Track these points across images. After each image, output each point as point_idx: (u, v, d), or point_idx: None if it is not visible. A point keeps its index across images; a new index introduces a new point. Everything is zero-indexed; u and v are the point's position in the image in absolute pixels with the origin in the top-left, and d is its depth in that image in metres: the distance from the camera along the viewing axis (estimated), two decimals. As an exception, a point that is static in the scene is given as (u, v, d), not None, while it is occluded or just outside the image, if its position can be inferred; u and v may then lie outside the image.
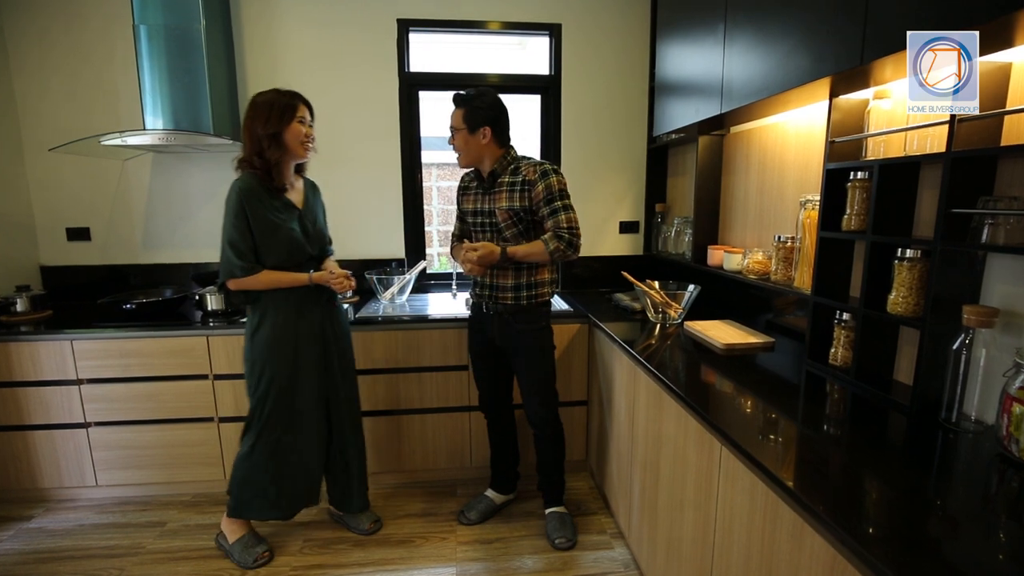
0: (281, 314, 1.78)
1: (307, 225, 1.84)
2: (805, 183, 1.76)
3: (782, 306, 1.91)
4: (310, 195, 1.91)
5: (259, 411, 1.81)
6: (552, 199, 1.79)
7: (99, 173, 2.57)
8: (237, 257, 1.69)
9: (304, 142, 1.75)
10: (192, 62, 2.27)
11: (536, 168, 1.81)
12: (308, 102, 1.79)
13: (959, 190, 1.14)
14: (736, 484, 1.16)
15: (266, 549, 1.91)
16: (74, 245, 2.62)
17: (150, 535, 2.06)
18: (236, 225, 1.69)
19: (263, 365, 1.78)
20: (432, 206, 4.49)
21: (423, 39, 2.75)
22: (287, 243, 1.76)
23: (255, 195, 1.70)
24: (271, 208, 1.73)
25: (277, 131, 1.69)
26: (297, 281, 1.78)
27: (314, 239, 1.86)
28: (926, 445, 1.12)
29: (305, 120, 1.75)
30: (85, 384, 2.15)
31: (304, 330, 1.82)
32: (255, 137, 1.69)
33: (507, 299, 1.88)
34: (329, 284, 1.80)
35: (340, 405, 1.95)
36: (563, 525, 2.02)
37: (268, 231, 1.72)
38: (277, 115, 1.68)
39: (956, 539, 0.83)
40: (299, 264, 1.80)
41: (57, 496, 2.28)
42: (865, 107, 1.46)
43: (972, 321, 1.13)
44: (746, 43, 1.61)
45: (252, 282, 1.73)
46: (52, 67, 2.46)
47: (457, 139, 1.84)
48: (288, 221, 1.77)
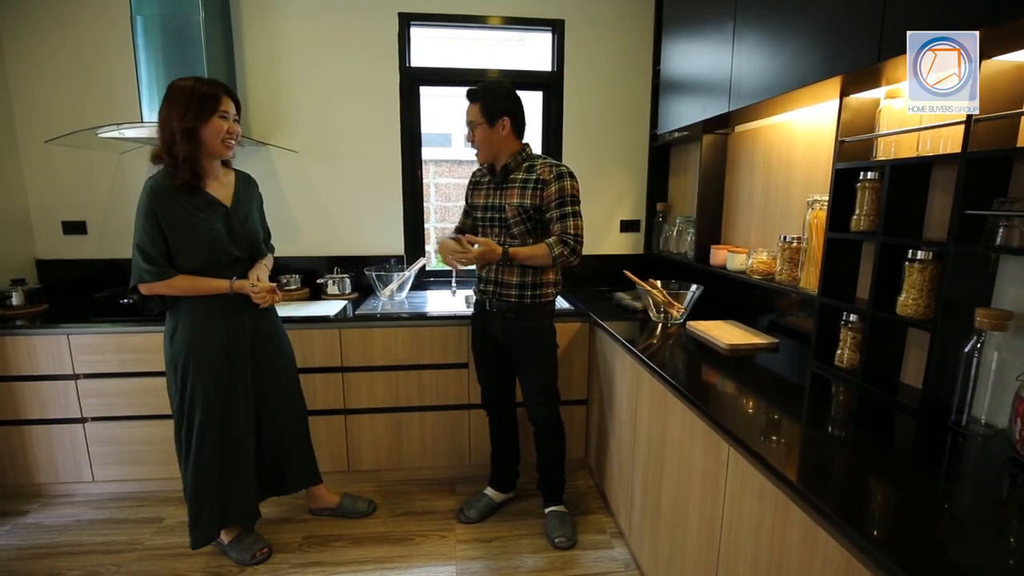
0: (201, 314, 1.67)
1: (234, 224, 1.69)
2: (812, 183, 1.74)
3: (786, 307, 1.89)
4: (242, 190, 1.76)
5: (187, 416, 1.70)
6: (563, 203, 1.78)
7: (95, 166, 2.54)
8: (145, 262, 1.57)
9: (226, 139, 1.60)
10: (190, 54, 2.24)
11: (552, 168, 1.78)
12: (233, 94, 1.64)
13: (973, 191, 1.13)
14: (745, 486, 1.14)
15: (264, 546, 1.90)
16: (70, 239, 2.59)
17: (147, 531, 2.04)
18: (145, 227, 1.56)
19: (185, 366, 1.67)
20: (430, 203, 4.46)
21: (421, 35, 2.71)
22: (207, 245, 1.62)
23: (168, 194, 1.57)
24: (188, 207, 1.59)
25: (193, 126, 1.54)
26: (216, 289, 1.65)
27: (241, 239, 1.72)
28: (937, 448, 1.11)
29: (228, 115, 1.60)
30: (82, 379, 2.13)
31: (228, 330, 1.71)
32: (168, 130, 1.54)
33: (511, 297, 1.86)
34: (248, 294, 1.69)
35: (275, 408, 1.85)
36: (563, 524, 2.01)
37: (184, 232, 1.59)
38: (196, 107, 1.53)
39: (975, 543, 0.82)
40: (224, 267, 1.68)
41: (53, 491, 2.26)
42: (876, 107, 1.45)
43: (985, 324, 1.11)
44: (756, 40, 1.59)
45: (165, 287, 1.61)
46: (48, 58, 2.42)
47: (477, 133, 1.79)
48: (209, 220, 1.63)
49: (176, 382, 1.70)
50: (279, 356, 1.87)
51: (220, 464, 1.76)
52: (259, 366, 1.81)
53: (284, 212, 2.66)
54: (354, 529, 2.06)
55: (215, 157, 1.65)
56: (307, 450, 2.01)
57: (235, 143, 1.65)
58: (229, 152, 1.65)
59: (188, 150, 1.55)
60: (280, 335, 1.91)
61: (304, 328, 2.17)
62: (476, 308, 2.03)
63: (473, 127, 1.80)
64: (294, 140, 2.61)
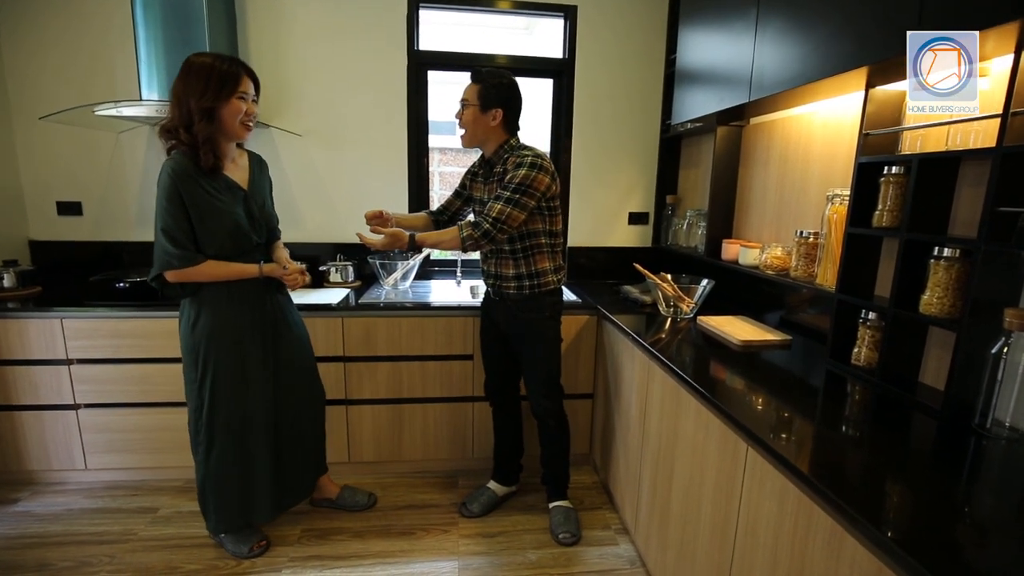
0: (223, 303, 1.63)
1: (253, 208, 1.66)
2: (831, 177, 1.70)
3: (800, 303, 1.86)
4: (256, 172, 1.72)
5: (206, 405, 1.66)
6: (506, 187, 1.69)
7: (92, 145, 2.47)
8: (173, 246, 1.51)
9: (245, 121, 1.56)
10: (192, 32, 2.17)
11: (518, 157, 1.72)
12: (253, 73, 1.59)
13: (1006, 188, 1.09)
14: (764, 487, 1.11)
15: (262, 538, 1.86)
16: (65, 220, 2.52)
17: (142, 521, 2.00)
18: (170, 211, 1.50)
19: (206, 354, 1.63)
20: (434, 191, 4.41)
21: (428, 20, 2.64)
22: (230, 231, 1.58)
23: (190, 176, 1.51)
24: (210, 191, 1.55)
25: (212, 106, 1.49)
26: (246, 273, 1.62)
27: (261, 224, 1.69)
28: (963, 452, 1.07)
29: (247, 95, 1.55)
30: (75, 364, 2.07)
31: (250, 321, 1.67)
32: (184, 107, 1.49)
33: (510, 288, 1.84)
34: (281, 278, 1.68)
35: (295, 397, 1.82)
36: (567, 520, 1.98)
37: (209, 216, 1.54)
38: (215, 86, 1.48)
39: (1018, 552, 0.78)
40: (245, 252, 1.64)
41: (45, 479, 2.21)
42: (902, 99, 1.40)
43: (1015, 325, 1.08)
44: (781, 27, 1.54)
45: (194, 273, 1.55)
46: (43, 32, 2.34)
47: (466, 114, 1.76)
48: (231, 205, 1.59)
49: (196, 370, 1.65)
50: (299, 344, 1.85)
51: (241, 454, 1.73)
52: (280, 354, 1.77)
53: (286, 197, 2.60)
54: (354, 522, 2.02)
55: (233, 139, 1.60)
56: (321, 438, 1.98)
57: (253, 125, 1.61)
58: (247, 134, 1.61)
59: (207, 131, 1.51)
60: (299, 323, 1.88)
61: (306, 316, 2.11)
62: (484, 297, 2.02)
63: (465, 106, 1.76)
64: (298, 123, 2.55)
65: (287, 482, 1.86)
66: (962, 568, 0.73)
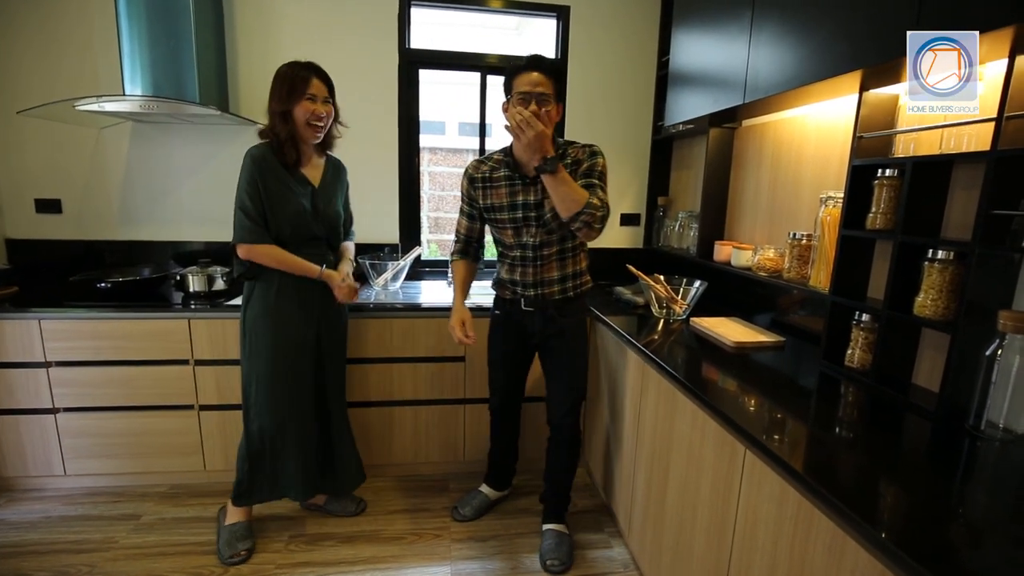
0: (275, 287, 1.72)
1: (319, 204, 1.77)
2: (823, 180, 1.71)
3: (792, 305, 1.87)
4: (330, 174, 1.83)
5: (251, 380, 1.75)
6: (592, 173, 1.61)
7: (73, 141, 2.40)
8: (247, 219, 1.64)
9: (312, 121, 1.66)
10: (178, 26, 2.12)
11: (585, 148, 1.67)
12: (324, 74, 1.70)
13: (999, 191, 1.10)
14: (762, 490, 1.10)
15: (248, 548, 1.81)
16: (44, 217, 2.45)
17: (123, 529, 1.94)
18: (248, 191, 1.64)
19: (254, 333, 1.73)
20: (424, 191, 4.38)
21: (419, 20, 2.61)
22: (293, 216, 1.69)
23: (268, 164, 1.66)
24: (283, 180, 1.68)
25: (287, 108, 1.64)
26: (307, 271, 1.72)
27: (324, 219, 1.78)
28: (959, 453, 1.08)
29: (317, 97, 1.66)
30: (54, 367, 2.01)
31: (300, 309, 1.75)
32: (271, 112, 1.67)
33: (554, 292, 1.74)
34: (332, 286, 1.78)
35: (332, 393, 1.89)
36: (559, 546, 1.84)
37: (277, 201, 1.67)
38: (287, 91, 1.63)
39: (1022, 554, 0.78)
40: (304, 242, 1.74)
41: (21, 486, 2.14)
42: (895, 103, 1.41)
43: (1008, 327, 1.09)
44: (777, 30, 1.55)
45: (261, 253, 1.66)
46: (23, 24, 2.27)
47: (552, 111, 1.57)
48: (299, 195, 1.71)
49: (245, 346, 1.76)
50: (342, 348, 1.93)
51: (279, 433, 1.78)
52: (324, 354, 1.84)
53: (273, 196, 2.55)
54: (344, 527, 1.98)
55: (305, 141, 1.71)
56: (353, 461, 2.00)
57: (323, 126, 1.70)
58: (316, 135, 1.70)
59: (286, 131, 1.65)
60: (345, 324, 1.95)
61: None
62: (503, 309, 1.84)
63: (544, 100, 1.54)
64: (285, 121, 2.50)
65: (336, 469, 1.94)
66: (969, 572, 0.72)
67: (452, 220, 1.99)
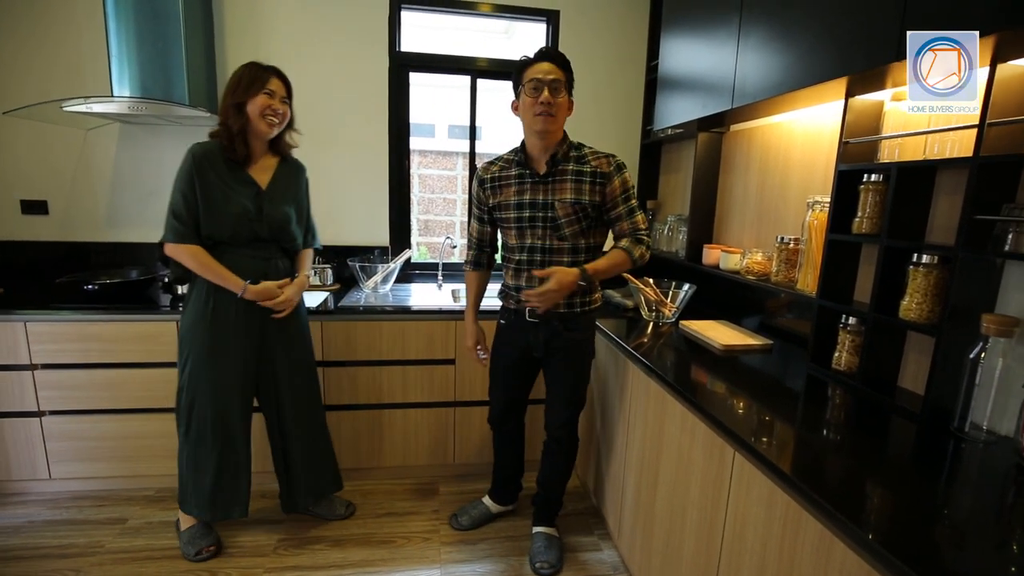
0: (212, 292, 1.66)
1: (263, 205, 1.69)
2: (810, 184, 1.73)
3: (780, 308, 1.88)
4: (281, 176, 1.76)
5: (185, 388, 1.71)
6: (628, 196, 1.64)
7: (59, 142, 2.38)
8: (174, 219, 1.60)
9: (267, 115, 1.63)
10: (166, 27, 2.10)
11: (610, 160, 1.61)
12: (285, 77, 1.69)
13: (982, 196, 1.12)
14: (751, 492, 1.11)
15: (212, 543, 1.81)
16: (29, 219, 2.42)
17: (109, 533, 1.91)
18: (181, 188, 1.60)
19: (188, 342, 1.69)
20: (415, 193, 4.37)
21: (408, 23, 2.61)
22: (234, 216, 1.63)
23: (209, 160, 1.62)
24: (225, 179, 1.64)
25: (241, 101, 1.61)
26: (228, 284, 1.64)
27: (268, 221, 1.70)
28: (943, 455, 1.09)
29: (275, 93, 1.64)
30: (39, 369, 1.98)
31: (241, 315, 1.69)
32: (223, 106, 1.63)
33: (560, 307, 1.66)
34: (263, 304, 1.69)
35: (284, 402, 1.81)
36: (548, 548, 1.84)
37: (216, 200, 1.62)
38: (245, 85, 1.61)
39: (1006, 553, 0.79)
40: (245, 242, 1.68)
41: (4, 490, 2.10)
42: (881, 109, 1.43)
43: (991, 330, 1.11)
44: (764, 35, 1.56)
45: (185, 254, 1.61)
46: (9, 23, 2.25)
47: (563, 99, 1.55)
48: (241, 195, 1.65)
49: (181, 354, 1.72)
50: (297, 347, 1.84)
51: (217, 442, 1.73)
52: (269, 354, 1.77)
53: (263, 198, 2.54)
54: (333, 531, 1.97)
55: (260, 134, 1.66)
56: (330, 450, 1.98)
57: (278, 122, 1.67)
58: (270, 129, 1.66)
59: (238, 124, 1.62)
60: (303, 326, 1.87)
61: (283, 320, 2.07)
62: (508, 319, 1.78)
63: (556, 88, 1.53)
64: (275, 123, 2.49)
65: (302, 481, 1.90)
66: (952, 571, 0.73)
67: (442, 223, 2.00)
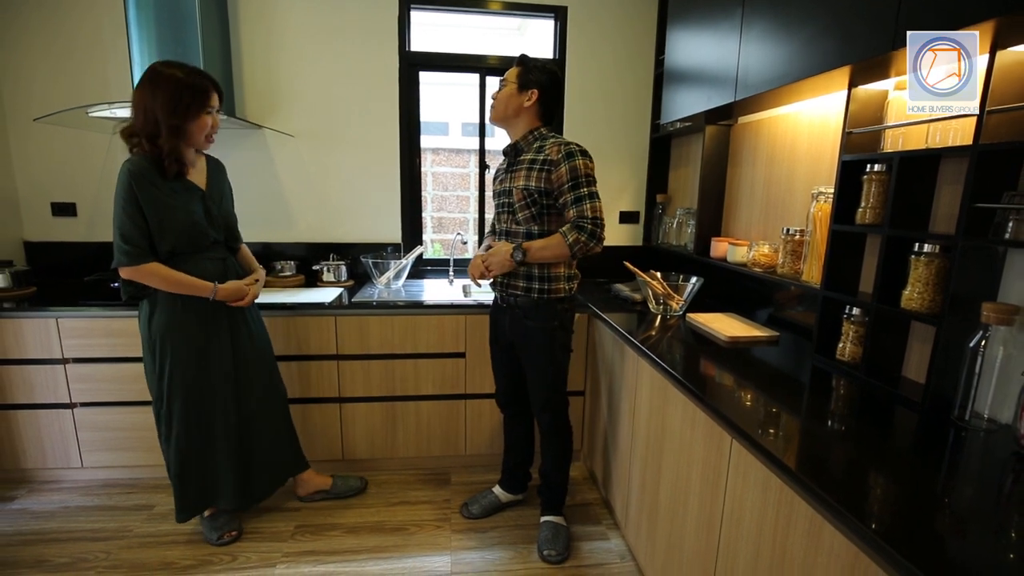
0: (177, 299, 1.66)
1: (211, 207, 1.70)
2: (816, 175, 1.73)
3: (786, 300, 1.88)
4: (214, 174, 1.78)
5: (166, 397, 1.70)
6: (577, 184, 1.62)
7: (86, 146, 2.48)
8: (124, 243, 1.55)
9: (210, 134, 1.62)
10: (184, 32, 2.18)
11: (561, 147, 1.63)
12: (218, 85, 1.63)
13: (983, 184, 1.12)
14: (747, 479, 1.13)
15: (234, 529, 1.89)
16: (59, 221, 2.53)
17: (137, 518, 2.01)
18: (125, 210, 1.54)
19: (163, 348, 1.67)
20: (427, 192, 4.43)
21: (419, 22, 2.66)
22: (186, 227, 1.62)
23: (147, 178, 1.54)
24: (167, 191, 1.59)
25: (181, 123, 1.53)
26: (198, 291, 1.64)
27: (218, 222, 1.73)
28: (942, 443, 1.10)
29: (214, 109, 1.60)
30: (71, 363, 2.08)
31: (210, 314, 1.71)
32: (151, 118, 1.52)
33: (518, 290, 1.74)
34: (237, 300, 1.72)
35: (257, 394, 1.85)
36: (555, 538, 1.87)
37: (165, 214, 1.57)
38: (186, 104, 1.52)
39: (985, 538, 0.81)
40: (203, 249, 1.69)
41: (41, 477, 2.22)
42: (884, 98, 1.43)
43: (992, 319, 1.11)
44: (766, 27, 1.57)
45: (146, 273, 1.58)
46: (36, 34, 2.35)
47: (502, 92, 1.72)
48: (188, 203, 1.64)
49: (155, 363, 1.70)
50: (257, 339, 1.87)
51: (203, 444, 1.77)
52: (238, 349, 1.80)
53: (279, 197, 2.61)
54: (348, 518, 2.04)
55: (196, 149, 1.67)
56: (293, 436, 2.02)
57: (215, 137, 1.68)
58: (209, 145, 1.68)
59: (173, 144, 1.55)
60: (257, 319, 1.92)
61: (299, 315, 2.14)
62: (492, 304, 1.94)
63: (503, 84, 1.73)
64: (290, 124, 2.56)
65: (258, 475, 1.90)
66: (938, 554, 0.75)
67: (455, 220, 2.04)
